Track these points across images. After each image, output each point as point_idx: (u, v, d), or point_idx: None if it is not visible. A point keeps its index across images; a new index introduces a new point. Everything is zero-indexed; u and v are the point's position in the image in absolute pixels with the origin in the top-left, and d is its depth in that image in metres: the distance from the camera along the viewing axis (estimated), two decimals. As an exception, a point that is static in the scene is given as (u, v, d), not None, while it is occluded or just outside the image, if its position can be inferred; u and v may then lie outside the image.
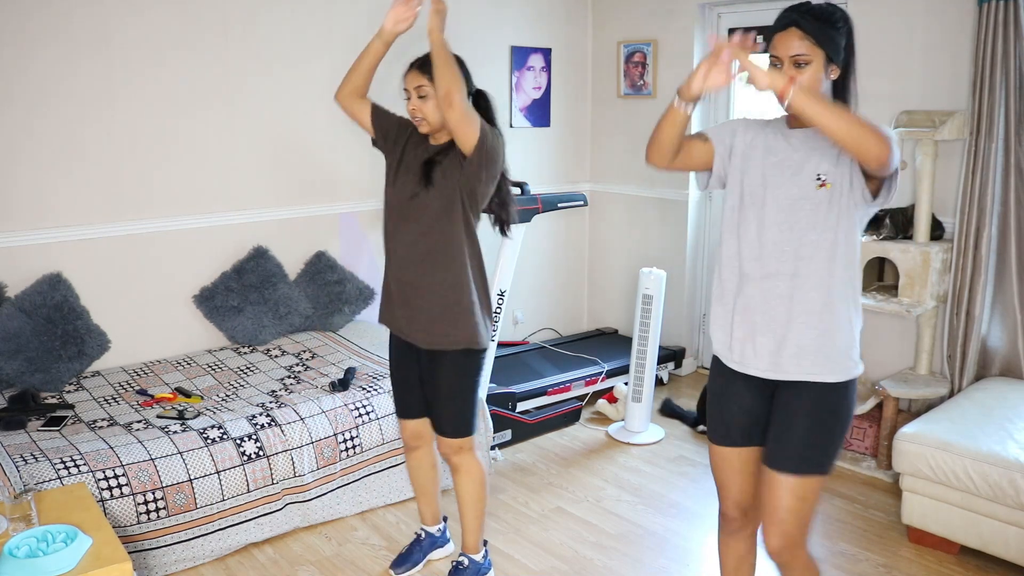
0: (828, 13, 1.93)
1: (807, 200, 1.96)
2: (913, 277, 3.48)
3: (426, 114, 2.50)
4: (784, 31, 1.93)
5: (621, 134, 5.01)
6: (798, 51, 1.91)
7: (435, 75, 2.40)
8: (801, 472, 2.00)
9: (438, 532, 2.99)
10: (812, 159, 1.98)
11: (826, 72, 1.93)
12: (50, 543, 2.02)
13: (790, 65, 1.92)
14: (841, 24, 1.95)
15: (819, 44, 1.90)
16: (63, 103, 3.40)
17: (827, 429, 2.01)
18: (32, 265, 3.40)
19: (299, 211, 4.10)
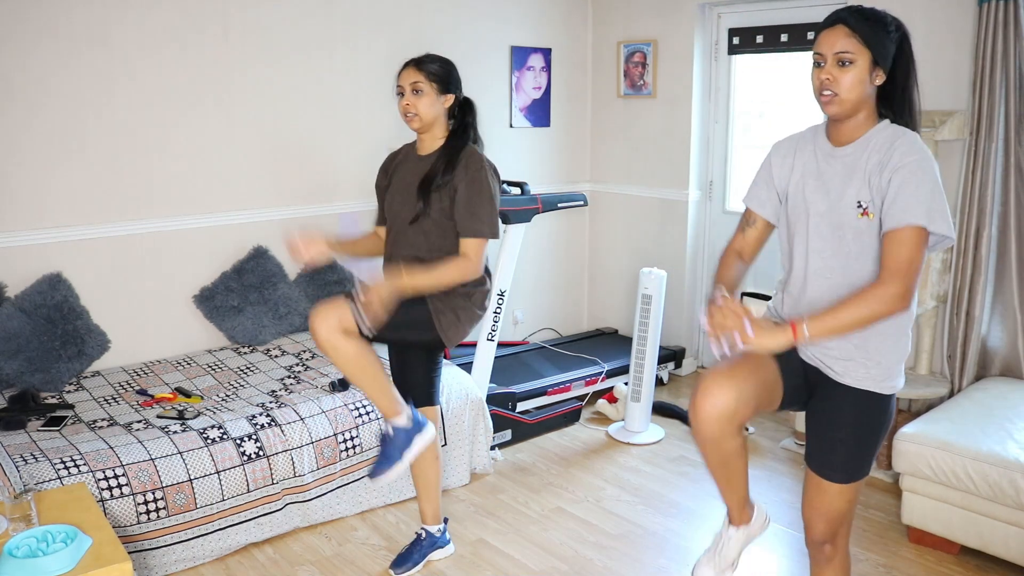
0: (879, 15, 1.88)
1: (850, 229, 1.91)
2: (913, 277, 3.48)
3: (419, 110, 2.59)
4: (831, 27, 1.88)
5: (621, 134, 5.01)
6: (843, 48, 1.84)
7: (438, 288, 2.54)
8: (847, 481, 2.03)
9: (438, 532, 2.99)
10: (853, 183, 1.90)
11: (870, 76, 1.86)
12: (50, 543, 2.02)
13: (833, 63, 1.85)
14: (893, 29, 1.88)
15: (866, 44, 1.84)
16: (63, 103, 3.40)
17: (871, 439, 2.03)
18: (32, 265, 3.40)
19: (299, 211, 4.10)
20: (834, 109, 1.88)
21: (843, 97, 1.85)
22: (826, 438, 2.04)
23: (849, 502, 2.07)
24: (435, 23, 4.38)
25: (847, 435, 2.01)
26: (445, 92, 2.62)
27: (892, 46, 1.87)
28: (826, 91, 1.87)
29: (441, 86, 2.61)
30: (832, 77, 1.86)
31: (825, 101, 1.88)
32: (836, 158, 1.94)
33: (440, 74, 2.61)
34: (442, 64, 2.64)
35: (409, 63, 2.63)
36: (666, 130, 4.76)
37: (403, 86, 2.61)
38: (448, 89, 2.63)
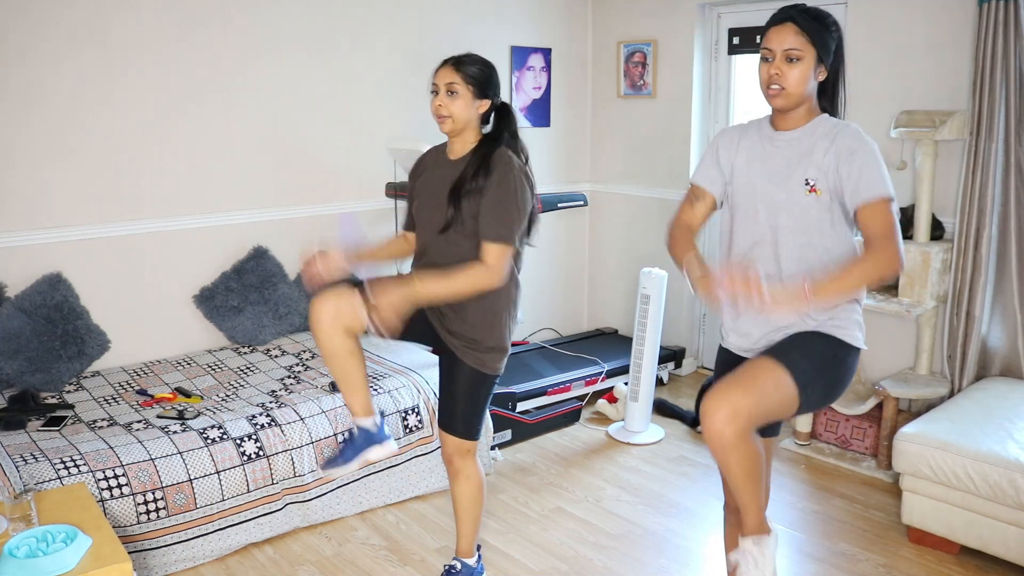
0: (823, 15, 2.01)
1: (796, 205, 2.02)
2: (913, 277, 3.48)
3: (452, 112, 2.44)
4: (780, 25, 2.00)
5: (621, 134, 5.01)
6: (792, 45, 1.97)
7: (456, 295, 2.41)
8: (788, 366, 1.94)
9: (374, 427, 2.57)
10: (800, 164, 2.02)
11: (814, 72, 2.00)
12: (50, 543, 2.02)
13: (782, 59, 1.98)
14: (834, 28, 2.02)
15: (812, 42, 1.97)
16: (63, 103, 3.40)
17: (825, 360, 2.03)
18: (32, 265, 3.40)
19: (299, 211, 4.10)
20: (780, 102, 2.01)
21: (790, 91, 1.98)
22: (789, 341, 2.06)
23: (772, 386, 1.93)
24: (435, 23, 4.38)
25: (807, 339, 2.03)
26: (482, 96, 2.47)
27: (833, 44, 2.01)
28: (774, 85, 2.00)
29: (478, 90, 2.46)
30: (780, 72, 1.99)
31: (773, 94, 2.01)
32: (782, 142, 2.06)
33: (479, 77, 2.46)
34: (482, 67, 2.49)
35: (448, 61, 2.48)
36: (666, 130, 4.75)
37: (438, 85, 2.47)
38: (485, 94, 2.49)
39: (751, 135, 2.14)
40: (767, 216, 2.05)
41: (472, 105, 2.46)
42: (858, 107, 3.88)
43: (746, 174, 2.11)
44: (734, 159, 2.14)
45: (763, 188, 2.06)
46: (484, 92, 2.48)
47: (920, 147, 3.51)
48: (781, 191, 2.03)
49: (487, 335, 2.50)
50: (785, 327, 2.06)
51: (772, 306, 1.85)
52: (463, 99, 2.45)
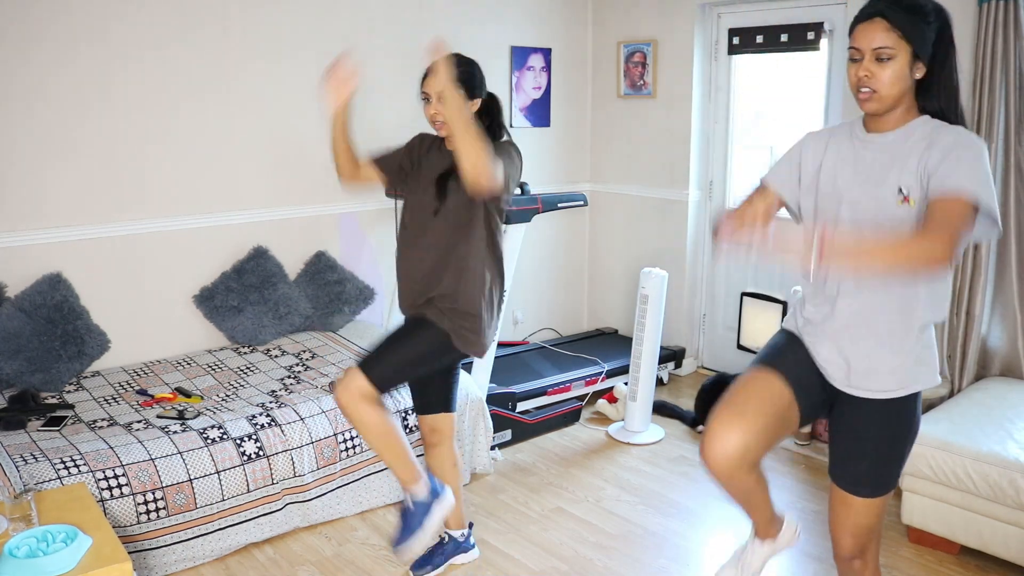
0: (918, 5, 1.77)
1: (885, 216, 1.81)
2: (913, 277, 3.48)
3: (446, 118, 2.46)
4: (868, 21, 1.78)
5: (621, 134, 5.01)
6: (882, 43, 1.75)
7: (458, 148, 2.29)
8: (875, 495, 1.97)
9: (462, 537, 2.93)
10: (894, 169, 1.81)
11: (911, 69, 1.78)
12: (50, 543, 2.02)
13: (871, 58, 1.77)
14: (933, 17, 1.78)
15: (906, 37, 1.75)
16: (63, 103, 3.40)
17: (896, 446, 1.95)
18: (32, 265, 3.40)
19: (299, 211, 4.10)
20: (873, 106, 1.81)
21: (883, 94, 1.78)
22: (849, 446, 1.97)
23: (877, 516, 2.00)
24: (435, 23, 4.38)
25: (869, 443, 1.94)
26: (472, 96, 2.52)
27: (933, 35, 1.78)
28: (864, 88, 1.80)
29: (468, 91, 2.50)
30: (870, 73, 1.78)
31: (864, 98, 1.81)
32: (876, 144, 1.86)
33: (466, 79, 2.50)
34: (466, 67, 2.53)
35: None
36: (666, 130, 4.76)
37: (428, 93, 2.50)
38: (474, 94, 2.53)
39: (841, 136, 1.94)
40: (851, 225, 1.85)
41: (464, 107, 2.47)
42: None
43: (832, 178, 1.90)
44: (821, 159, 1.94)
45: (850, 194, 1.86)
46: (473, 91, 2.53)
47: (920, 147, 3.50)
48: (870, 199, 1.83)
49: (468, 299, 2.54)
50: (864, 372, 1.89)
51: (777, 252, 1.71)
52: None
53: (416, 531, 2.60)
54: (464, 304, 2.55)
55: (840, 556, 2.06)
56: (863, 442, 1.95)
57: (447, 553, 2.91)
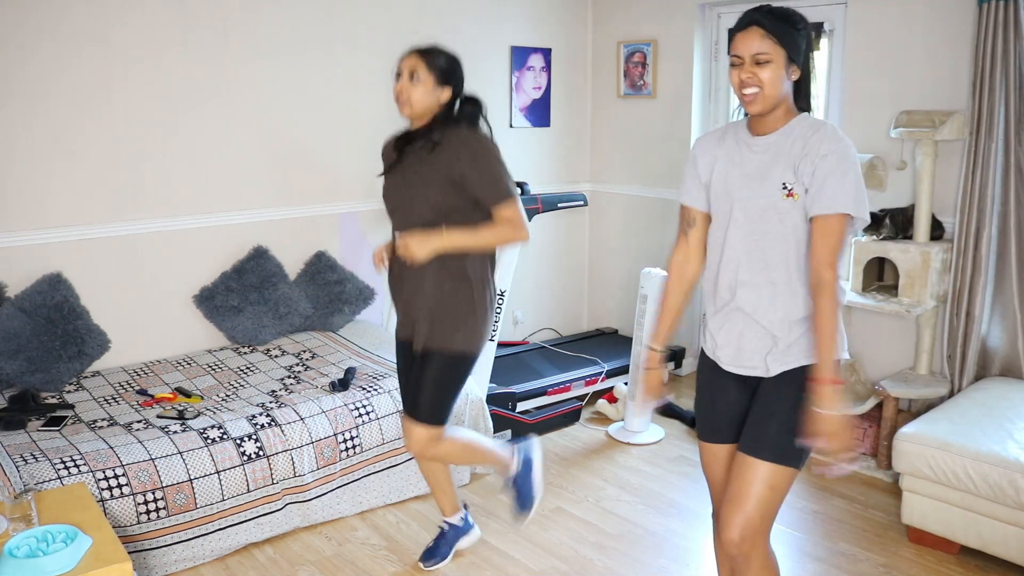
0: (788, 14, 1.95)
1: (775, 210, 1.98)
2: (913, 277, 3.48)
3: (412, 97, 2.52)
4: (745, 30, 1.94)
5: (621, 134, 5.01)
6: (759, 49, 1.92)
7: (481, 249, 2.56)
8: (777, 460, 2.00)
9: (460, 522, 3.00)
10: (777, 167, 1.98)
11: (787, 72, 1.94)
12: (50, 543, 2.02)
13: (751, 63, 1.92)
14: (802, 26, 1.96)
15: (781, 43, 1.92)
16: (63, 103, 3.40)
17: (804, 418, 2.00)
18: (32, 265, 3.40)
19: (299, 211, 4.10)
20: (757, 107, 1.95)
21: (766, 93, 1.92)
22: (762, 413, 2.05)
23: (772, 491, 2.01)
24: (435, 23, 4.38)
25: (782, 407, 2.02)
26: (443, 83, 2.54)
27: (803, 42, 1.95)
28: (747, 89, 1.93)
29: (440, 77, 2.53)
30: (751, 74, 1.92)
31: (748, 100, 1.95)
32: (759, 146, 2.01)
33: (441, 65, 2.54)
34: (447, 57, 2.57)
35: (413, 49, 2.56)
36: (666, 130, 4.76)
37: (402, 69, 2.55)
38: (447, 81, 2.55)
39: (728, 141, 2.09)
40: (746, 222, 2.02)
41: (433, 92, 2.53)
42: (858, 107, 3.89)
43: (723, 180, 2.06)
44: (712, 164, 2.10)
45: (740, 193, 2.02)
46: (446, 80, 2.55)
47: (920, 147, 3.51)
48: (759, 196, 1.99)
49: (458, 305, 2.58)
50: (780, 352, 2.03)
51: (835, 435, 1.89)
52: (424, 85, 2.52)
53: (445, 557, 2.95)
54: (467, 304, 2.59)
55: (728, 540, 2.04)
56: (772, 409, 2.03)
57: (450, 541, 2.97)
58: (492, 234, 2.52)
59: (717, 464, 2.19)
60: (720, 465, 2.18)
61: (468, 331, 2.59)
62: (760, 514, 2.01)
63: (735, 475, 2.05)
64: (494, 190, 2.50)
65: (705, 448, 2.21)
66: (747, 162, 2.03)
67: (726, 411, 2.14)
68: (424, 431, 2.63)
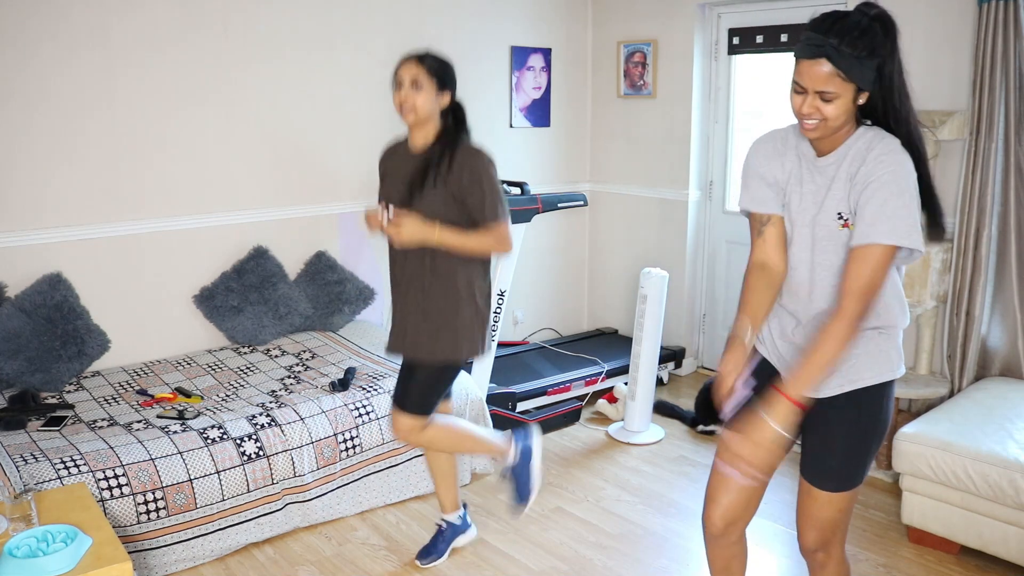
0: (865, 37, 1.71)
1: (831, 242, 1.85)
2: (913, 277, 3.48)
3: (416, 104, 2.55)
4: (812, 60, 1.74)
5: (621, 134, 5.01)
6: (825, 87, 1.72)
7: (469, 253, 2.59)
8: (841, 489, 1.98)
9: (459, 520, 3.02)
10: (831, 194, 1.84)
11: (855, 100, 1.76)
12: (50, 543, 2.02)
13: (815, 97, 1.74)
14: (879, 46, 1.73)
15: (850, 78, 1.71)
16: (63, 103, 3.40)
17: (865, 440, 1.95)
18: (32, 265, 3.40)
19: (299, 211, 4.10)
20: (817, 134, 1.80)
21: (829, 125, 1.77)
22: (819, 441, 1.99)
23: (840, 511, 2.01)
24: (435, 23, 4.38)
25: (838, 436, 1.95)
26: (443, 89, 2.59)
27: (878, 64, 1.74)
28: (808, 120, 1.78)
29: (440, 82, 2.58)
30: (815, 108, 1.76)
31: (808, 128, 1.79)
32: (818, 168, 1.87)
33: (440, 70, 2.59)
34: (443, 63, 2.62)
35: (410, 57, 2.60)
36: (666, 130, 4.76)
37: (402, 78, 2.57)
38: (446, 86, 2.60)
39: (790, 153, 1.93)
40: (800, 249, 1.90)
41: (435, 98, 2.58)
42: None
43: (789, 199, 1.92)
44: (777, 175, 1.94)
45: (800, 218, 1.89)
46: (444, 85, 2.60)
47: (920, 147, 3.50)
48: (818, 226, 1.86)
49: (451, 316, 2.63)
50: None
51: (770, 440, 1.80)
52: (427, 91, 2.56)
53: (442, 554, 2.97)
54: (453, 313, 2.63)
55: (804, 548, 2.08)
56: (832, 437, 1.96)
57: (448, 539, 2.99)
58: (479, 241, 2.57)
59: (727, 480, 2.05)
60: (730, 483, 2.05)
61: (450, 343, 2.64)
62: (833, 528, 2.02)
63: (803, 501, 2.04)
64: (491, 211, 2.57)
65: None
66: (805, 183, 1.89)
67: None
68: (408, 420, 2.70)
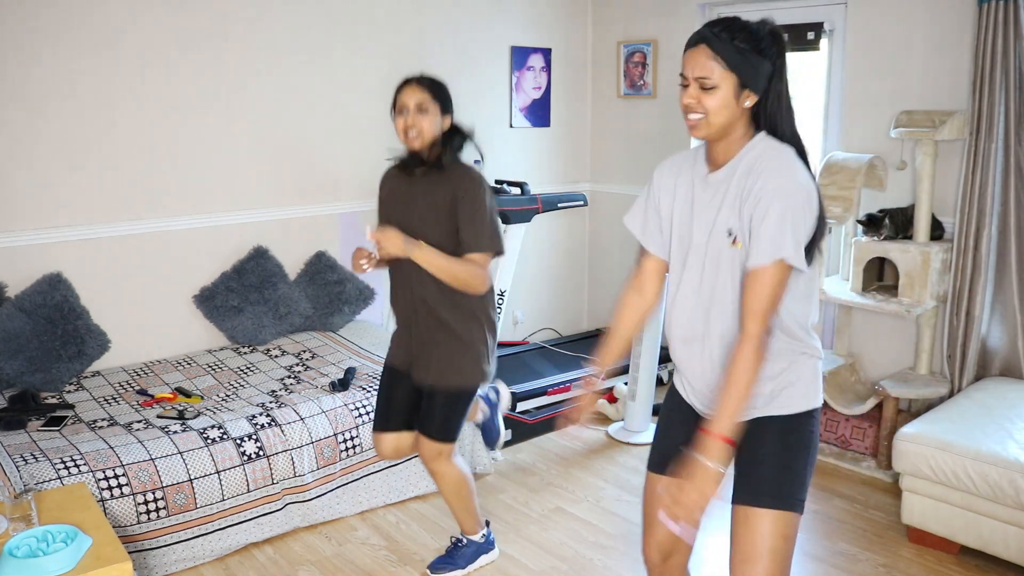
0: (751, 32, 1.69)
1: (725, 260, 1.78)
2: (913, 277, 3.48)
3: (422, 129, 2.53)
4: (694, 47, 1.70)
5: (621, 134, 5.01)
6: (702, 73, 1.68)
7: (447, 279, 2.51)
8: (781, 506, 1.81)
9: (482, 539, 2.95)
10: (723, 210, 1.77)
11: (737, 99, 1.70)
12: (50, 543, 2.02)
13: (696, 87, 1.70)
14: (766, 44, 1.69)
15: (730, 67, 1.67)
16: (64, 103, 3.40)
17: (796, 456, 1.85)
18: (32, 265, 3.40)
19: (299, 211, 4.10)
20: (700, 132, 1.74)
21: (710, 120, 1.71)
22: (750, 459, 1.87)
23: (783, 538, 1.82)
24: (435, 23, 4.38)
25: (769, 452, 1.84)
26: (445, 112, 2.58)
27: (766, 64, 1.69)
28: (691, 114, 1.72)
29: (443, 106, 2.56)
30: (696, 100, 1.70)
31: (691, 125, 1.74)
32: (709, 184, 1.80)
33: (441, 95, 2.57)
34: (443, 86, 2.60)
35: (412, 81, 2.56)
36: (666, 130, 4.75)
37: (407, 104, 2.53)
38: (447, 109, 2.59)
39: (685, 175, 1.87)
40: (694, 274, 1.83)
41: (439, 122, 2.56)
42: (858, 107, 3.89)
43: (679, 220, 1.86)
44: (672, 205, 1.89)
45: (695, 239, 1.82)
46: (447, 107, 2.59)
47: (920, 147, 3.51)
48: (711, 245, 1.78)
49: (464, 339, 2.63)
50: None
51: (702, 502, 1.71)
52: (432, 116, 2.54)
53: (460, 568, 2.88)
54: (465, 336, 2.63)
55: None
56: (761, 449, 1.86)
57: (468, 557, 2.90)
58: (461, 270, 2.51)
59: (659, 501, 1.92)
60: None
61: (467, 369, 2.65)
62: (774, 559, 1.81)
63: (739, 533, 1.85)
64: (477, 240, 2.53)
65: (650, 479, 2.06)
66: (697, 200, 1.82)
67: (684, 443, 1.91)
68: (433, 445, 2.70)
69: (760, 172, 1.71)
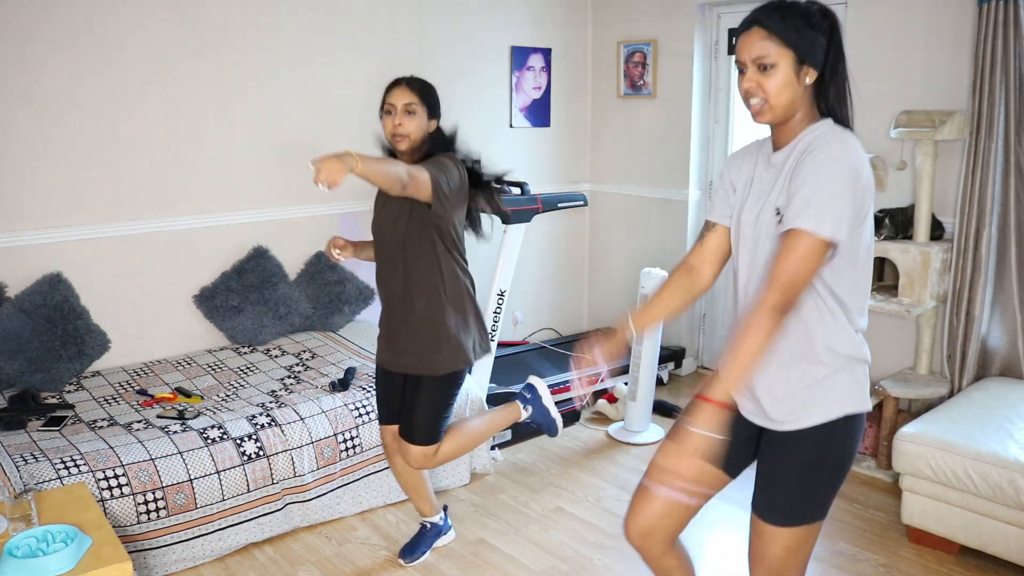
0: (799, 8, 1.69)
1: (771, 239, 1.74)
2: (913, 277, 3.48)
3: (410, 131, 2.55)
4: (747, 31, 1.70)
5: (621, 134, 5.01)
6: (760, 53, 1.67)
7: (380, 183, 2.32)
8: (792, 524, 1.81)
9: (440, 520, 3.05)
10: (775, 189, 1.75)
11: (797, 76, 1.69)
12: (50, 543, 2.02)
13: (754, 69, 1.69)
14: (816, 20, 1.69)
15: (787, 44, 1.67)
16: (65, 104, 3.40)
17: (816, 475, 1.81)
18: (32, 265, 3.40)
19: (299, 211, 4.10)
20: (765, 118, 1.74)
21: (772, 103, 1.70)
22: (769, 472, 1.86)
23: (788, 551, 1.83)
24: (435, 23, 4.38)
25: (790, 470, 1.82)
26: (432, 116, 2.59)
27: (821, 38, 1.69)
28: (753, 99, 1.72)
29: (431, 109, 2.58)
30: (756, 83, 1.70)
31: (754, 111, 1.74)
32: (771, 165, 1.80)
33: (429, 98, 2.58)
34: (431, 88, 2.61)
35: (401, 82, 2.57)
36: (666, 130, 4.76)
37: (395, 105, 2.54)
38: (435, 113, 2.60)
39: (753, 159, 1.87)
40: (744, 251, 1.82)
41: (426, 124, 2.58)
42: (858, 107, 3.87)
43: (739, 202, 1.86)
44: (737, 182, 1.89)
45: (746, 218, 1.81)
46: (434, 111, 2.60)
47: (920, 147, 3.51)
48: (758, 224, 1.77)
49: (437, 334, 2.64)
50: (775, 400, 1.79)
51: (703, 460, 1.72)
52: (420, 118, 2.56)
53: (426, 551, 3.00)
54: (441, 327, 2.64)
55: None
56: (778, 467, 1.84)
57: (429, 540, 3.03)
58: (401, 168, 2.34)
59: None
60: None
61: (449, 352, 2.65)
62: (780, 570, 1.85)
63: (753, 539, 1.89)
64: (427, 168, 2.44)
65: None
66: (756, 182, 1.81)
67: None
68: (420, 451, 2.74)
69: (814, 150, 1.68)
